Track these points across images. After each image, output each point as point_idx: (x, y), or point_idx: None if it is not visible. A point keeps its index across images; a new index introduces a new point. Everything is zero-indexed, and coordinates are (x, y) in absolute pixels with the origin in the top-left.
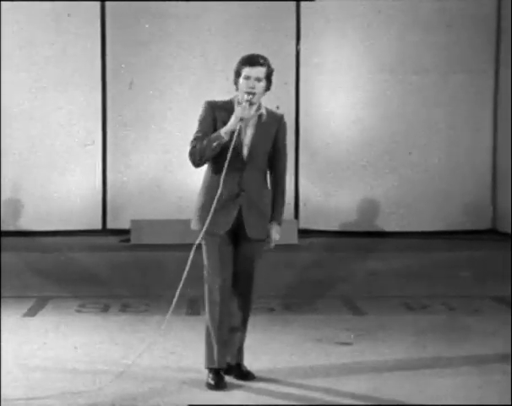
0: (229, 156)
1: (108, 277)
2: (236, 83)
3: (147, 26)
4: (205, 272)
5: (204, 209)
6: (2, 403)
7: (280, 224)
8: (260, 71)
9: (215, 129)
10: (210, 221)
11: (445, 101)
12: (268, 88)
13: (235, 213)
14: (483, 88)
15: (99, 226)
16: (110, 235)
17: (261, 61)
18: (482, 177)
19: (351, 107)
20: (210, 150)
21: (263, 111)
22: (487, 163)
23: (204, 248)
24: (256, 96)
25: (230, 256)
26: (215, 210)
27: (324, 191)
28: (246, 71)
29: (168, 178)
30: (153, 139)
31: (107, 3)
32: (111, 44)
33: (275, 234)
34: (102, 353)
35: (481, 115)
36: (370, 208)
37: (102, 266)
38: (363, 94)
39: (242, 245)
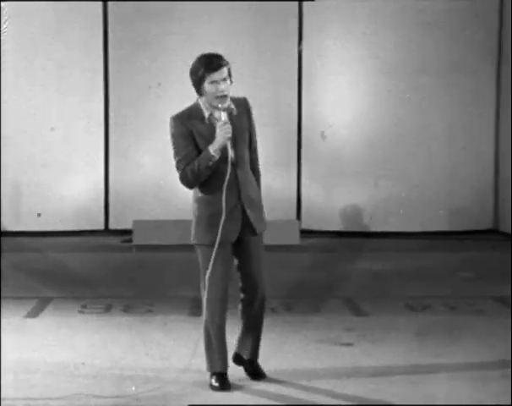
0: (228, 174)
1: (110, 277)
2: (198, 89)
3: (149, 26)
4: (203, 280)
5: (202, 223)
6: (2, 403)
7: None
8: (224, 72)
9: (195, 142)
10: (212, 234)
11: (447, 101)
12: (231, 83)
13: (240, 216)
14: (486, 89)
15: (101, 226)
16: (112, 236)
17: (222, 62)
18: (484, 177)
19: (354, 108)
20: (205, 170)
21: (232, 107)
22: (489, 163)
23: (201, 258)
24: (228, 98)
25: (231, 265)
26: (212, 224)
27: (326, 191)
28: (212, 77)
29: (171, 178)
30: (156, 139)
31: (110, 3)
32: (114, 44)
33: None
34: (105, 354)
35: (483, 116)
36: (371, 210)
37: (104, 267)
38: (366, 95)
39: (248, 242)
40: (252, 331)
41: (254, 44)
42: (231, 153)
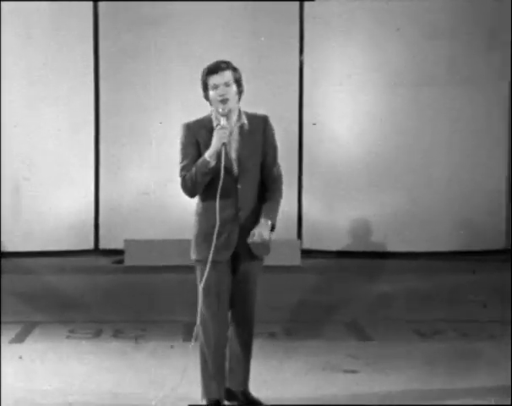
0: (221, 180)
1: (100, 300)
2: (206, 97)
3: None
4: (200, 300)
5: (200, 237)
6: None
7: (272, 224)
8: (226, 75)
9: (200, 152)
10: (207, 249)
11: (457, 115)
12: (240, 91)
13: (236, 234)
14: (498, 102)
15: (90, 246)
16: (102, 256)
17: (224, 65)
18: (497, 194)
19: (358, 121)
20: (201, 177)
21: (243, 120)
22: (501, 180)
23: (198, 276)
24: (230, 102)
25: (229, 283)
26: (209, 239)
27: (327, 210)
28: (212, 80)
29: (165, 195)
30: (149, 153)
31: (100, 3)
32: (105, 54)
33: (263, 231)
34: (94, 382)
35: (495, 129)
36: (376, 228)
37: (94, 289)
38: (370, 106)
39: (242, 264)
40: (238, 360)
41: (254, 52)
42: (222, 161)
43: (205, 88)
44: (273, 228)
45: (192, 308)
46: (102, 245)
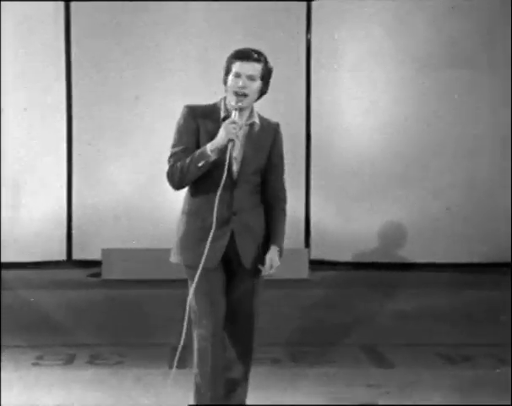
0: (223, 180)
1: (73, 320)
2: (224, 81)
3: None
4: (192, 315)
5: (188, 238)
6: None
7: (280, 250)
8: (254, 68)
9: (198, 141)
10: (196, 252)
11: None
12: (263, 91)
13: (225, 241)
14: None
15: (63, 256)
16: (76, 268)
17: (255, 56)
18: None
19: (373, 113)
20: (195, 170)
21: (255, 119)
22: None
23: (189, 285)
24: (247, 99)
25: (222, 294)
26: (201, 239)
27: (339, 215)
28: (236, 66)
29: (146, 200)
30: (128, 154)
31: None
32: (77, 54)
33: (273, 260)
34: None
35: None
36: (395, 235)
37: (66, 307)
38: (386, 97)
39: (238, 278)
40: (234, 389)
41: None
42: (228, 159)
43: (227, 72)
44: (281, 254)
45: (180, 328)
46: (76, 256)
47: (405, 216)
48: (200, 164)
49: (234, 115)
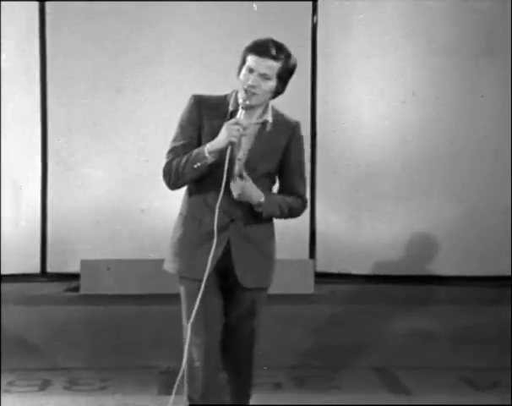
0: (223, 187)
1: (49, 341)
2: (239, 73)
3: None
4: (184, 334)
5: (182, 243)
6: None
7: (260, 205)
8: (270, 66)
9: (200, 137)
10: (187, 262)
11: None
12: (279, 91)
13: (219, 250)
14: None
15: (37, 269)
16: (51, 281)
17: (274, 52)
18: None
19: (386, 108)
20: (191, 171)
21: (268, 117)
22: None
23: (182, 297)
24: (256, 98)
25: (218, 310)
26: (194, 246)
27: (348, 222)
28: (251, 61)
29: (132, 205)
30: (110, 152)
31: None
32: (52, 52)
33: (251, 187)
34: None
35: None
36: (411, 245)
37: (41, 326)
38: (401, 90)
39: (235, 298)
40: None
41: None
42: (227, 164)
43: (242, 63)
44: (259, 206)
45: (169, 349)
46: (51, 268)
47: (423, 225)
48: (196, 166)
49: (239, 114)
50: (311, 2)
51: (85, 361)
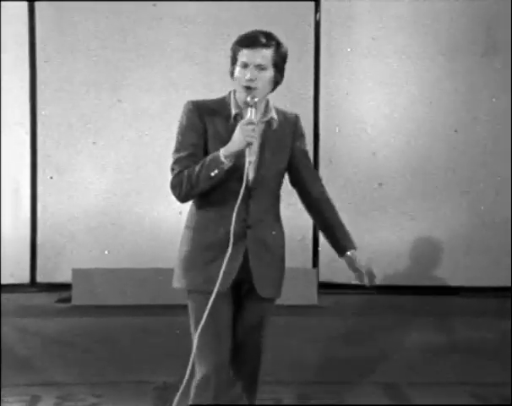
0: (241, 192)
1: (39, 354)
2: (232, 73)
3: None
4: (194, 347)
5: (194, 257)
6: None
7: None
8: (263, 55)
9: (206, 144)
10: (204, 275)
11: None
12: (277, 80)
13: (239, 261)
14: None
15: (26, 279)
16: (41, 292)
17: (264, 40)
18: None
19: (393, 110)
20: (206, 179)
21: (273, 115)
22: None
23: (191, 312)
24: (258, 92)
25: (230, 324)
26: (210, 259)
27: (353, 229)
28: (243, 55)
29: (126, 212)
30: (104, 156)
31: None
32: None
33: (368, 269)
34: None
35: None
36: (420, 254)
37: (30, 339)
38: (409, 92)
39: (248, 306)
40: None
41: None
42: (247, 166)
43: (233, 61)
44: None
45: (166, 364)
46: (41, 278)
47: (433, 232)
48: (213, 173)
49: (250, 113)
50: (313, 2)
51: (77, 376)
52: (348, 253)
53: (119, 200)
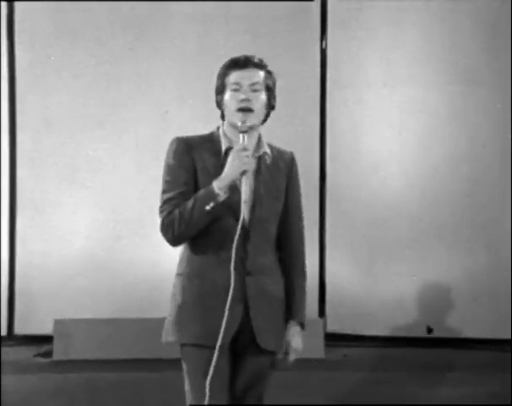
0: (239, 228)
1: None
2: (218, 104)
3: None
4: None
5: (189, 308)
6: None
7: (303, 325)
8: (257, 75)
9: (196, 182)
10: (203, 327)
11: None
12: (271, 105)
13: (239, 313)
14: None
15: (2, 331)
16: (19, 346)
17: (257, 61)
18: None
19: (403, 145)
20: (200, 216)
21: (266, 149)
22: None
23: (186, 368)
24: (253, 116)
25: (228, 379)
26: (208, 308)
27: (362, 275)
28: (233, 77)
29: (111, 256)
30: (88, 196)
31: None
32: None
33: (296, 341)
34: None
35: None
36: (435, 302)
37: (7, 397)
38: (421, 127)
39: (247, 360)
40: None
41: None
42: (243, 196)
43: (221, 89)
44: (303, 327)
45: None
46: (19, 330)
47: (449, 278)
48: (208, 207)
49: (243, 139)
50: (319, 27)
51: None
52: (291, 322)
53: (105, 244)
